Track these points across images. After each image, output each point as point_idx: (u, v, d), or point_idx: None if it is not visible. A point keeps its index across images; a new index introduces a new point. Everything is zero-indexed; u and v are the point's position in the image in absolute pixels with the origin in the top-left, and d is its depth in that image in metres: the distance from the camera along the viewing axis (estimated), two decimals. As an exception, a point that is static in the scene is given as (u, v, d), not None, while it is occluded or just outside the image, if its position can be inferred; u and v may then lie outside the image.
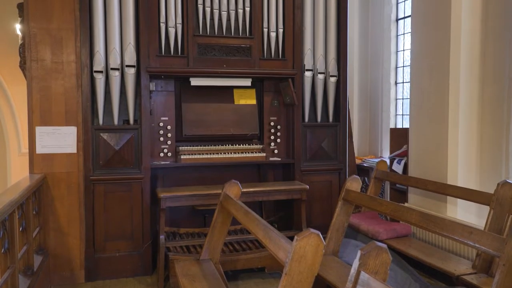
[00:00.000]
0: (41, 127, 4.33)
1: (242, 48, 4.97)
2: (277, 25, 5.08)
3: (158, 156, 4.90)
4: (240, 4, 4.92)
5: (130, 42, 4.55)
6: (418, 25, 4.91)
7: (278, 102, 5.32)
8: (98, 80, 4.46)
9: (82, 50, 4.40)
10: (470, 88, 4.44)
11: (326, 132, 5.32)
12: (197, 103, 5.01)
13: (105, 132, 4.50)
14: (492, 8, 4.32)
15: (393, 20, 6.84)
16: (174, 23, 4.70)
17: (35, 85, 4.32)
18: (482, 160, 4.46)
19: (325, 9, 5.27)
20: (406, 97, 6.57)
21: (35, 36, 4.30)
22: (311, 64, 5.21)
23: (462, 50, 4.39)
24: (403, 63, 6.76)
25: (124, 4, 4.55)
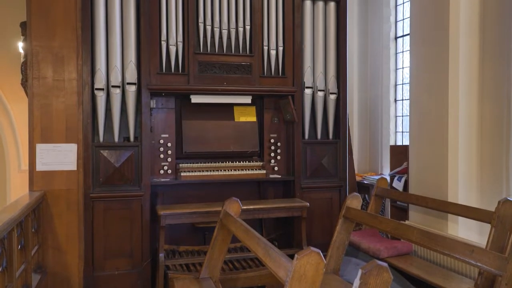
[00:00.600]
0: (41, 144, 4.33)
1: (242, 66, 5.00)
2: (277, 43, 5.12)
3: (158, 173, 4.89)
4: (240, 22, 4.98)
5: (131, 59, 4.59)
6: (416, 44, 4.95)
7: (278, 119, 5.34)
8: (99, 97, 4.48)
9: (83, 67, 4.43)
10: (469, 106, 4.46)
11: (326, 149, 5.32)
12: (198, 120, 5.02)
13: (106, 149, 4.51)
14: (489, 27, 4.36)
15: (392, 38, 6.91)
16: (175, 41, 4.75)
17: (36, 103, 4.34)
18: (482, 178, 4.45)
19: (325, 27, 5.33)
20: (406, 114, 6.60)
21: (37, 54, 4.34)
22: (311, 81, 5.25)
23: (460, 69, 4.42)
24: (402, 80, 6.80)
25: (126, 22, 4.60)
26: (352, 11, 7.18)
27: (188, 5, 4.79)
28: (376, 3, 7.12)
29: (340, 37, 5.34)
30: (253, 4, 5.01)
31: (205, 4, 4.87)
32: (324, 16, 5.31)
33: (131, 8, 4.60)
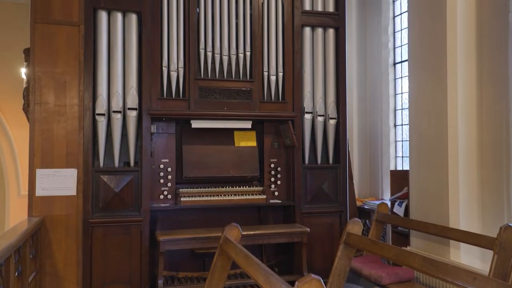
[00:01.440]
0: (41, 169, 4.34)
1: (242, 91, 5.05)
2: (277, 69, 5.18)
3: (158, 198, 4.88)
4: (241, 48, 5.05)
5: (133, 85, 4.64)
6: (415, 69, 5.01)
7: (278, 144, 5.35)
8: (100, 122, 4.51)
9: (85, 93, 4.47)
10: (469, 130, 4.47)
11: (327, 174, 5.31)
12: (198, 145, 5.03)
13: (106, 174, 4.51)
14: (487, 53, 4.42)
15: (390, 64, 6.98)
16: (176, 67, 4.80)
17: (37, 128, 4.37)
18: (483, 203, 4.43)
19: (324, 53, 5.39)
20: (405, 139, 6.61)
21: (40, 80, 4.39)
22: (311, 106, 5.28)
23: (459, 94, 4.45)
24: (401, 105, 6.84)
25: (128, 48, 4.67)
26: (351, 37, 7.28)
27: (189, 31, 4.87)
28: (374, 29, 7.22)
29: (339, 63, 5.40)
30: (253, 31, 5.09)
31: (206, 30, 4.94)
32: (323, 42, 5.39)
33: (133, 35, 4.68)
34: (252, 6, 5.11)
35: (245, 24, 5.08)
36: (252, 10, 5.12)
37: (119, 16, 4.65)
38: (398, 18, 6.97)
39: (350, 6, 7.16)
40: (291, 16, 5.23)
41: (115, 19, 4.64)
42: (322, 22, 5.33)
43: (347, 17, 5.51)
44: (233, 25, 5.03)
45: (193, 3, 4.89)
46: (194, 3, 4.90)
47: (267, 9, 5.19)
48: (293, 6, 5.22)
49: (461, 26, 4.48)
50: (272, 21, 5.18)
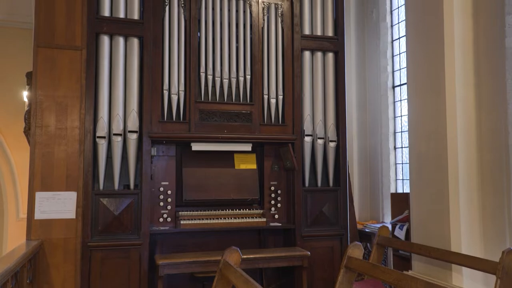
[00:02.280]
0: (41, 192, 4.32)
1: (242, 114, 5.07)
2: (277, 92, 5.22)
3: (157, 221, 4.85)
4: (241, 72, 5.10)
5: (134, 108, 4.67)
6: (413, 93, 5.04)
7: (278, 166, 5.35)
8: (100, 145, 4.52)
9: (86, 116, 4.50)
10: (468, 154, 4.48)
11: (327, 196, 5.29)
12: (198, 167, 5.03)
13: (105, 197, 4.49)
14: (484, 77, 4.46)
15: (389, 87, 7.04)
16: (177, 90, 4.84)
17: (38, 151, 4.37)
18: (485, 227, 4.40)
19: (324, 76, 5.44)
20: (405, 162, 6.62)
21: (42, 103, 4.42)
22: (311, 129, 5.30)
23: (458, 117, 4.47)
24: (401, 128, 6.87)
25: (129, 72, 4.71)
26: (350, 61, 7.36)
27: (190, 55, 4.93)
28: (373, 53, 7.31)
29: (339, 86, 5.44)
30: (254, 54, 5.15)
31: (207, 54, 5.00)
32: (323, 66, 5.44)
33: (134, 58, 4.73)
34: (252, 30, 5.19)
35: (245, 48, 5.15)
36: (252, 34, 5.19)
37: (121, 41, 4.71)
38: (397, 42, 7.06)
39: (349, 30, 7.27)
40: (290, 40, 5.30)
41: (117, 44, 4.70)
42: (321, 46, 5.40)
43: (346, 41, 5.58)
44: (234, 49, 5.10)
45: (194, 28, 4.97)
46: (195, 28, 4.97)
47: (267, 33, 5.26)
48: (292, 31, 5.30)
49: (459, 49, 4.53)
50: (272, 45, 5.25)
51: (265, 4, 5.26)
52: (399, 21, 7.01)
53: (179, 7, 4.95)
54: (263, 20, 5.25)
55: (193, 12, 4.98)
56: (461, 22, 4.56)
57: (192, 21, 4.97)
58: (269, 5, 5.28)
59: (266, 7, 5.26)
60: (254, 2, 5.21)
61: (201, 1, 5.03)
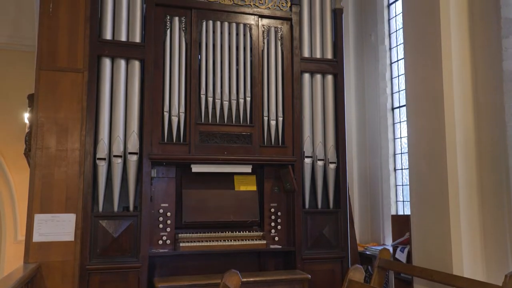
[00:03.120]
0: (40, 214, 4.30)
1: (243, 136, 5.09)
2: (277, 114, 5.25)
3: (156, 244, 4.81)
4: (241, 94, 5.13)
5: (134, 130, 4.68)
6: (412, 114, 5.07)
7: (278, 188, 5.34)
8: (100, 167, 4.52)
9: (86, 138, 4.51)
10: (469, 176, 4.47)
11: (327, 218, 5.26)
12: (198, 189, 5.02)
13: (104, 219, 4.47)
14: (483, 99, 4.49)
15: (389, 109, 7.07)
16: (178, 112, 4.87)
17: (38, 173, 4.37)
18: (487, 249, 4.36)
19: (323, 98, 5.48)
20: (406, 184, 6.60)
21: (43, 125, 4.44)
22: (311, 151, 5.31)
23: (457, 139, 4.48)
24: (401, 150, 6.87)
25: (130, 94, 4.75)
26: (350, 83, 7.41)
27: (190, 77, 4.97)
28: (372, 76, 7.38)
29: (338, 108, 5.47)
30: (254, 77, 5.20)
31: (207, 76, 5.05)
32: (322, 88, 5.48)
33: (135, 81, 4.77)
34: (253, 53, 5.25)
35: (246, 70, 5.20)
36: (252, 57, 5.25)
37: (122, 63, 4.76)
38: (395, 64, 7.13)
39: (348, 53, 7.34)
40: (290, 62, 5.36)
41: (119, 66, 4.75)
42: (320, 68, 5.45)
43: (345, 64, 5.64)
44: (234, 71, 5.15)
45: (194, 51, 5.03)
46: (196, 51, 5.03)
47: (267, 56, 5.32)
48: (292, 53, 5.36)
49: (457, 71, 4.57)
50: (272, 68, 5.30)
51: (265, 28, 5.34)
52: (397, 44, 7.09)
53: (180, 31, 5.02)
54: (263, 43, 5.31)
55: (194, 36, 5.05)
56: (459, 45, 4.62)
57: (192, 44, 5.03)
58: (269, 29, 5.35)
59: (266, 30, 5.34)
60: (254, 25, 5.29)
61: (201, 24, 5.10)
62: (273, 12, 5.37)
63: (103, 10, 4.76)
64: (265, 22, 5.35)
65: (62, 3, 4.65)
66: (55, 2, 4.62)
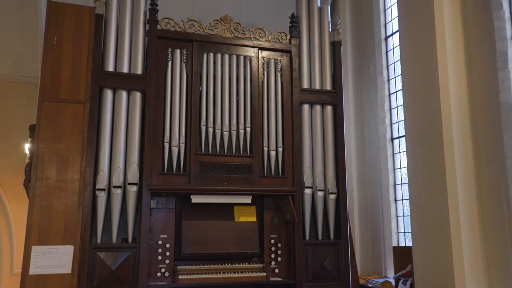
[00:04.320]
0: (37, 246, 4.24)
1: (242, 166, 5.09)
2: (277, 144, 5.26)
3: (155, 276, 4.73)
4: (241, 124, 5.17)
5: (134, 160, 4.68)
6: (412, 145, 5.09)
7: (278, 219, 5.29)
8: (99, 198, 4.49)
9: (87, 168, 4.51)
10: (469, 207, 4.46)
11: (328, 250, 5.20)
12: (197, 220, 4.98)
13: (103, 251, 4.41)
14: (481, 130, 4.52)
15: (388, 140, 7.10)
16: (178, 143, 4.89)
17: (36, 204, 4.34)
18: (490, 280, 4.30)
19: (323, 129, 5.50)
20: (406, 214, 6.55)
21: (43, 156, 4.44)
22: (311, 181, 5.29)
23: (457, 170, 4.49)
24: (401, 180, 6.86)
25: (131, 124, 4.77)
26: (349, 113, 7.47)
27: (191, 108, 5.02)
28: (371, 106, 7.44)
29: (338, 138, 5.49)
30: (254, 107, 5.25)
31: (208, 107, 5.09)
32: (321, 119, 5.52)
33: (136, 111, 4.81)
34: (253, 84, 5.31)
35: (246, 101, 5.25)
36: (252, 88, 5.31)
37: (123, 94, 4.81)
38: (394, 95, 7.20)
39: (346, 84, 7.43)
40: (290, 93, 5.42)
41: (120, 97, 4.79)
42: (320, 99, 5.50)
43: (344, 95, 5.70)
44: (234, 102, 5.20)
45: (195, 82, 5.09)
46: (196, 82, 5.10)
47: (267, 87, 5.38)
48: (292, 85, 5.42)
49: (455, 103, 4.63)
50: (271, 99, 5.36)
51: (264, 59, 5.42)
52: (395, 76, 7.18)
53: (181, 62, 5.10)
54: (263, 75, 5.39)
55: (195, 67, 5.12)
56: (456, 77, 4.69)
57: (193, 75, 5.10)
58: (269, 60, 5.44)
59: (266, 62, 5.42)
60: (254, 57, 5.38)
61: (202, 56, 5.18)
62: (273, 45, 5.47)
63: (106, 42, 4.86)
64: (265, 54, 5.44)
65: (66, 36, 4.75)
66: (59, 35, 4.71)
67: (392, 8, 7.32)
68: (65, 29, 4.75)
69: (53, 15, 4.76)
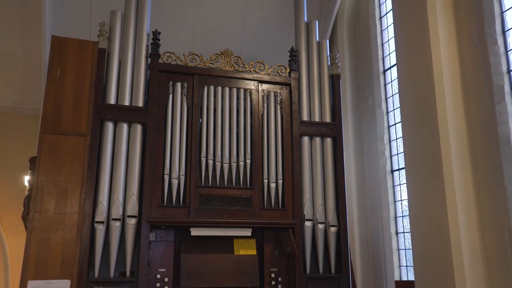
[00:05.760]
0: (33, 281, 4.17)
1: (242, 198, 5.06)
2: (277, 176, 5.25)
3: (153, 311, 4.63)
4: (241, 157, 5.17)
5: (134, 193, 4.67)
6: (412, 177, 5.09)
7: (279, 252, 5.22)
8: (98, 230, 4.45)
9: (86, 201, 4.49)
10: (471, 239, 4.41)
11: (329, 284, 5.11)
12: (196, 253, 4.92)
13: (100, 285, 4.34)
14: (480, 162, 4.53)
15: (388, 172, 7.09)
16: (178, 175, 4.88)
17: (34, 237, 4.30)
18: (495, 316, 4.21)
19: (322, 161, 5.51)
20: (408, 247, 6.47)
21: (43, 188, 4.43)
22: (311, 214, 5.26)
23: (458, 202, 4.48)
24: (402, 213, 6.81)
25: (131, 157, 4.78)
26: (348, 146, 7.50)
27: (191, 140, 5.04)
28: (371, 138, 7.47)
29: (338, 171, 5.49)
30: (254, 140, 5.27)
31: (208, 139, 5.11)
32: (321, 151, 5.53)
33: (137, 144, 4.83)
34: (253, 116, 5.35)
35: (246, 134, 5.27)
36: (253, 121, 5.34)
37: (124, 127, 4.84)
38: (393, 127, 7.24)
39: (346, 116, 7.49)
40: (290, 126, 5.45)
41: (121, 130, 4.82)
42: (319, 132, 5.53)
43: (343, 127, 5.73)
44: (234, 134, 5.22)
45: (196, 114, 5.13)
46: (197, 114, 5.14)
47: (267, 120, 5.42)
48: (291, 117, 5.46)
49: (454, 136, 4.65)
50: (271, 131, 5.38)
51: (264, 92, 5.49)
52: (394, 108, 7.25)
53: (182, 95, 5.15)
54: (263, 107, 5.44)
55: (196, 100, 5.17)
56: (454, 111, 4.74)
57: (194, 108, 5.15)
58: (269, 93, 5.50)
59: (266, 94, 5.48)
60: (254, 90, 5.44)
61: (203, 89, 5.24)
62: (273, 78, 5.55)
63: (109, 75, 4.92)
64: (265, 87, 5.51)
65: (69, 69, 4.82)
66: (62, 69, 4.79)
67: (390, 42, 7.46)
68: (68, 63, 4.83)
69: (57, 49, 4.85)
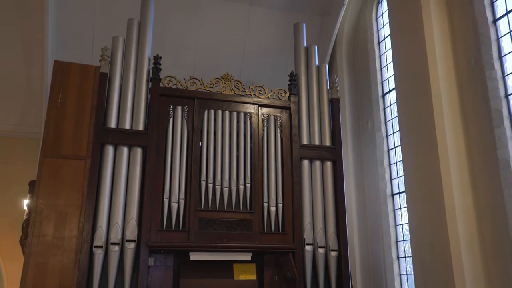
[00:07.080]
0: (30, 306, 4.11)
1: (242, 222, 5.03)
2: (277, 200, 5.23)
3: (151, 339, 4.55)
4: (241, 180, 5.16)
5: (133, 216, 4.64)
6: (413, 201, 5.07)
7: (279, 277, 5.16)
8: (97, 255, 4.41)
9: (85, 225, 4.46)
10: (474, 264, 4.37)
11: (330, 310, 5.03)
12: (196, 278, 4.85)
13: (98, 311, 4.27)
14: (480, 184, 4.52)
15: (388, 195, 7.07)
16: (177, 198, 4.86)
17: (32, 261, 4.25)
18: None
19: (323, 184, 5.49)
20: (410, 272, 6.40)
21: (42, 212, 4.40)
22: (311, 238, 5.21)
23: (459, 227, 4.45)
24: (403, 237, 6.75)
25: (131, 180, 4.77)
26: (348, 169, 7.49)
27: (191, 164, 5.04)
28: (370, 162, 7.47)
29: (338, 194, 5.46)
30: (254, 163, 5.26)
31: (208, 163, 5.11)
32: (321, 174, 5.52)
33: (137, 167, 4.83)
34: (253, 140, 5.37)
35: (246, 157, 5.28)
36: (252, 144, 5.35)
37: (125, 150, 4.85)
38: (393, 151, 7.25)
39: (345, 140, 7.51)
40: (289, 149, 5.46)
41: (121, 153, 4.83)
42: (319, 155, 5.54)
43: (343, 150, 5.74)
44: (234, 158, 5.22)
45: (196, 138, 5.14)
46: (197, 138, 5.15)
47: (267, 143, 5.43)
48: (291, 141, 5.48)
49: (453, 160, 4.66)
50: (271, 154, 5.39)
51: (264, 116, 5.51)
52: (393, 132, 7.27)
53: (182, 119, 5.18)
54: (263, 131, 5.45)
55: (196, 124, 5.19)
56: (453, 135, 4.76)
57: (194, 131, 5.17)
58: (269, 117, 5.52)
59: (266, 118, 5.51)
60: (254, 114, 5.47)
61: (203, 113, 5.27)
62: (273, 102, 5.59)
63: (110, 99, 4.96)
64: (264, 110, 5.54)
65: (71, 93, 4.86)
66: (64, 93, 4.82)
67: (389, 66, 7.54)
68: (70, 87, 4.87)
69: (59, 73, 4.90)
